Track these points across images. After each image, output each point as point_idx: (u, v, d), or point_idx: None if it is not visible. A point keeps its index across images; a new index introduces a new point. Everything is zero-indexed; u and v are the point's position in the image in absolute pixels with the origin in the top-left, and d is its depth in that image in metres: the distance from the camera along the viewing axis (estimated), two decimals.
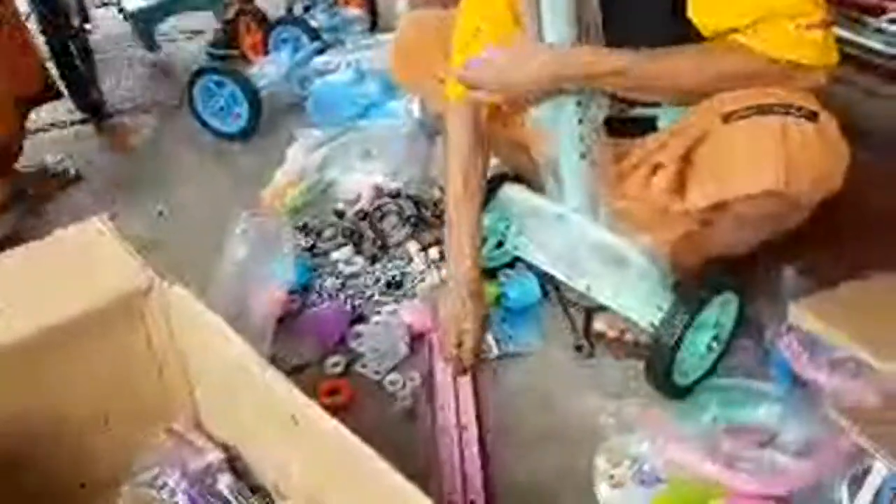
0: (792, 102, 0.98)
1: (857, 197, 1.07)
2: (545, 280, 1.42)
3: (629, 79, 1.02)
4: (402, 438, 1.17)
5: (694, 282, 1.15)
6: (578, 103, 1.09)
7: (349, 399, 1.23)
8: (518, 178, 1.38)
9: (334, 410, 0.83)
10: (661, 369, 1.14)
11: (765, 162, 0.98)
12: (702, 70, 1.03)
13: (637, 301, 1.19)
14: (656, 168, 1.13)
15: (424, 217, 1.68)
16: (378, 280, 1.52)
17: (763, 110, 0.98)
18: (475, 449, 1.14)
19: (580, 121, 1.10)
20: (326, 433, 0.81)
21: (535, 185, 1.33)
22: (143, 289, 1.00)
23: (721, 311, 1.18)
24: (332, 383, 1.25)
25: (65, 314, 0.95)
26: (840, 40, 1.04)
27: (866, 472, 0.85)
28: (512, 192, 1.34)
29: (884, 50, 1.95)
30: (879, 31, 2.00)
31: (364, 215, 1.68)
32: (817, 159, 0.98)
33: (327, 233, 1.66)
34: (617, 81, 1.03)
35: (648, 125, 1.19)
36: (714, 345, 1.19)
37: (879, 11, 2.04)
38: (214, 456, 1.00)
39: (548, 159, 1.19)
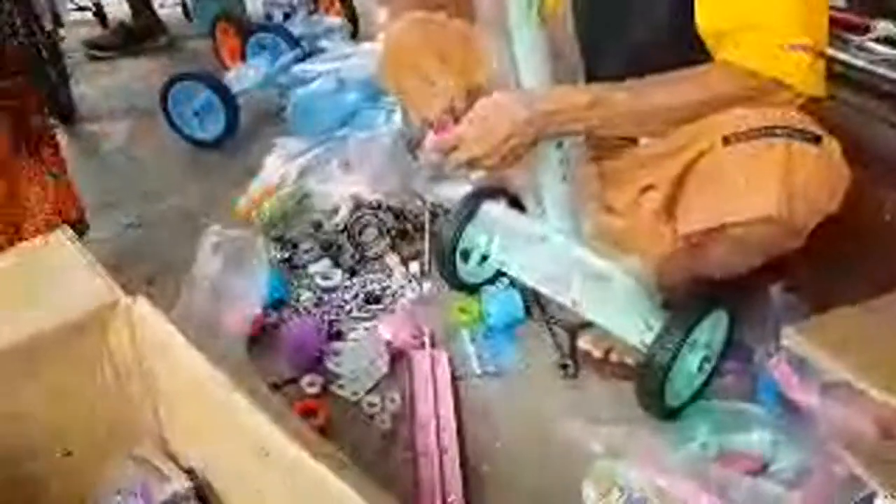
0: (795, 125, 0.96)
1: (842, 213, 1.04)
2: (528, 296, 1.39)
3: (610, 108, 1.00)
4: (381, 462, 1.13)
5: (683, 299, 1.12)
6: None
7: (326, 421, 1.18)
8: (503, 192, 1.34)
9: None
10: (653, 389, 1.10)
11: (767, 187, 0.94)
12: (684, 89, 1.01)
13: (626, 319, 1.15)
14: (647, 188, 1.10)
15: (405, 229, 1.63)
16: (356, 295, 1.48)
17: (766, 133, 0.95)
18: (456, 472, 1.09)
19: (559, 144, 1.07)
20: (296, 462, 0.76)
21: (519, 200, 1.29)
22: (106, 305, 0.94)
23: (712, 329, 1.15)
24: (307, 404, 1.20)
25: (23, 332, 0.89)
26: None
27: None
28: (493, 211, 1.30)
29: (868, 68, 1.95)
30: (862, 48, 2.00)
31: (343, 227, 1.63)
32: (820, 185, 0.96)
33: (304, 245, 1.61)
34: (599, 114, 1.01)
35: None
36: (705, 365, 1.16)
37: (863, 29, 2.05)
38: (181, 484, 0.94)
39: (529, 182, 1.16)
